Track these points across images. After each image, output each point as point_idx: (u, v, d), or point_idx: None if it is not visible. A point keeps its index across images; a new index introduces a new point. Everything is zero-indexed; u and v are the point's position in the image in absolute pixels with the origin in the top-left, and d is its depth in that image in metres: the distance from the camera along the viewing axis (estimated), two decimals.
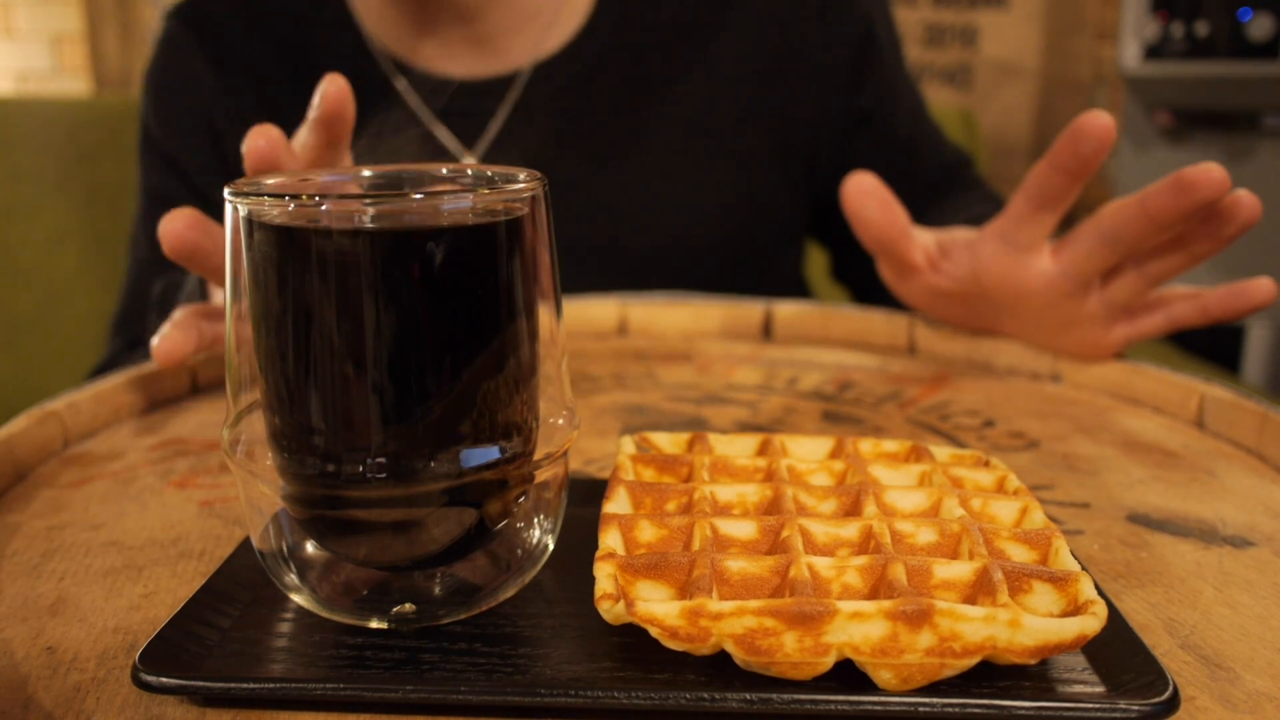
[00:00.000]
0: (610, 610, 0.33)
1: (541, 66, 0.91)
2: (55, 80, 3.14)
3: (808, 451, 0.45)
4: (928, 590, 0.34)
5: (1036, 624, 0.31)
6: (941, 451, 0.45)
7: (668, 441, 0.45)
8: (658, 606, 0.32)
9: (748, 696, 0.32)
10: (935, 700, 0.31)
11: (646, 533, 0.37)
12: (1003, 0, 2.84)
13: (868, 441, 0.45)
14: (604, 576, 0.34)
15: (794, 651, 0.31)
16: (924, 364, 0.74)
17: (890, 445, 0.45)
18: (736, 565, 0.35)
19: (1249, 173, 2.51)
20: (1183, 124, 2.54)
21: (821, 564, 0.34)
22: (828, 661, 0.32)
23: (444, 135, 0.91)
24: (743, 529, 0.37)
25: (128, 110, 1.57)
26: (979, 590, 0.34)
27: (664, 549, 0.36)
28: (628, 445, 0.44)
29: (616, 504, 0.38)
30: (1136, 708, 0.31)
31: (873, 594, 0.34)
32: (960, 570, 0.34)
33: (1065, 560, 0.35)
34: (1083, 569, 0.35)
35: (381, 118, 0.78)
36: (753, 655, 0.32)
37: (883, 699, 0.32)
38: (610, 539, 0.36)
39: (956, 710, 0.31)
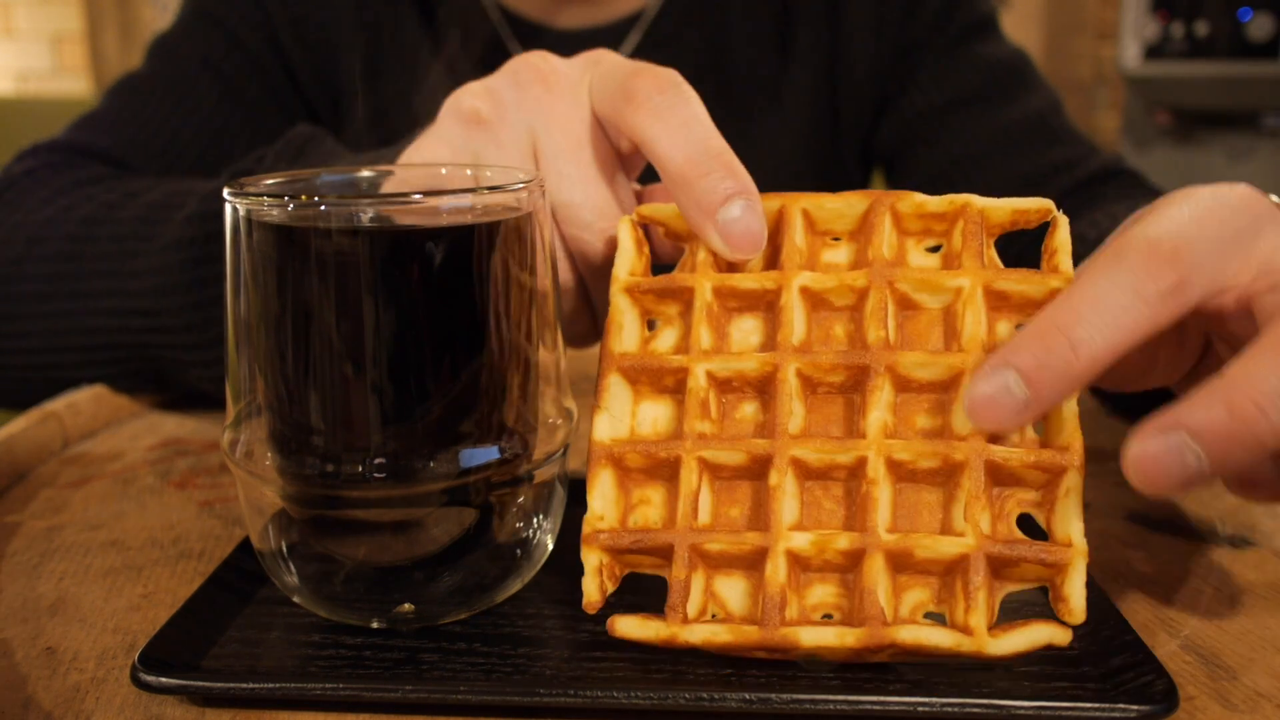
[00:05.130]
0: (594, 607, 0.35)
1: (671, 3, 0.86)
2: (55, 80, 3.14)
3: (833, 258, 0.38)
4: (910, 565, 0.34)
5: (1002, 646, 0.32)
6: (995, 205, 0.37)
7: (673, 215, 0.39)
8: (637, 629, 0.34)
9: (747, 696, 0.32)
10: (935, 700, 0.31)
11: (637, 468, 0.36)
12: (1003, 0, 2.84)
13: (907, 201, 0.37)
14: (590, 575, 0.35)
15: (765, 657, 0.34)
16: None
17: (933, 203, 0.37)
18: (716, 547, 0.34)
19: (1249, 173, 2.50)
20: (1183, 124, 2.54)
21: (801, 541, 0.34)
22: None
23: None
24: (733, 458, 0.35)
25: None
26: (956, 577, 0.33)
27: (655, 465, 0.36)
28: (625, 231, 0.39)
29: (610, 409, 0.37)
30: (1136, 708, 0.31)
31: (849, 611, 0.34)
32: (947, 547, 0.33)
33: (1070, 511, 0.34)
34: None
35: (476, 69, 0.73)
36: (728, 656, 0.34)
37: (882, 699, 0.32)
38: (600, 487, 0.36)
39: (956, 710, 0.31)
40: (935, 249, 0.38)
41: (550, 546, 0.39)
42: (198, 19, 0.84)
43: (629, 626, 0.34)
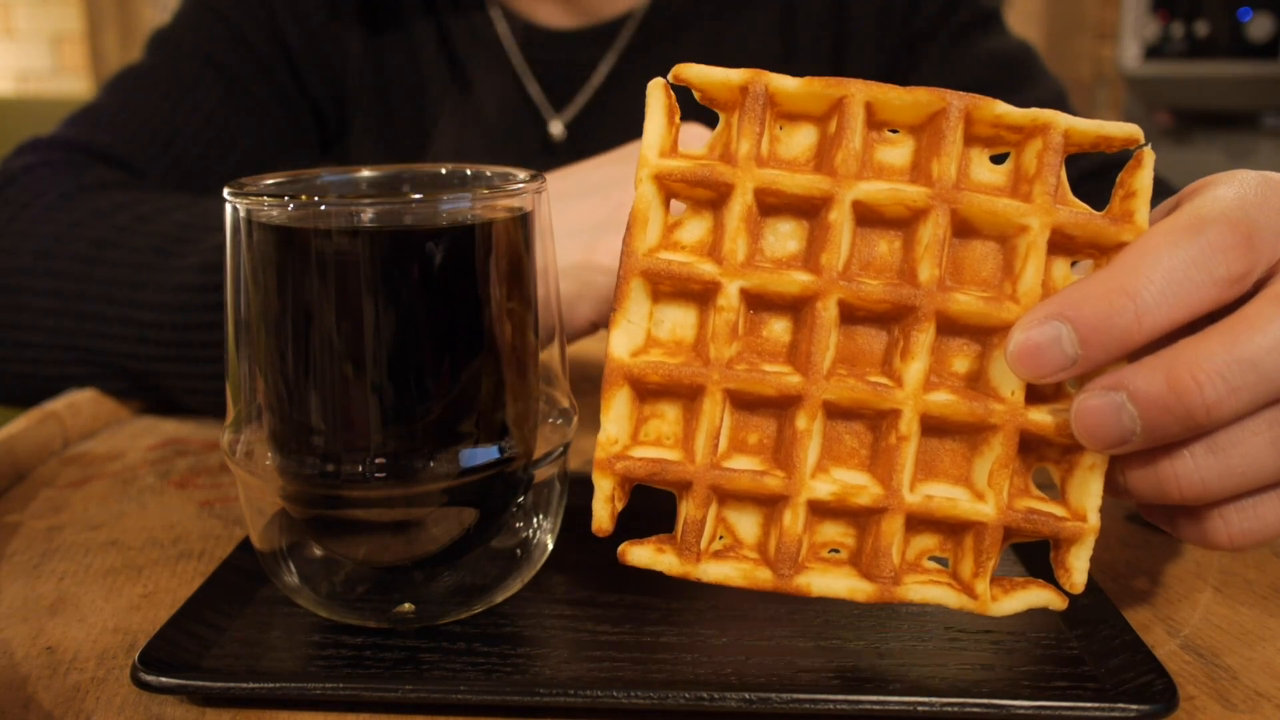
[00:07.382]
0: (605, 532, 0.34)
1: (656, 7, 0.86)
2: (55, 80, 3.14)
3: (888, 157, 0.35)
4: (926, 521, 0.34)
5: (1003, 608, 0.33)
6: (1080, 126, 0.34)
7: (718, 82, 0.34)
8: (650, 559, 0.33)
9: (746, 696, 0.32)
10: (935, 700, 0.31)
11: (655, 399, 0.34)
12: (1003, 0, 2.84)
13: (985, 111, 0.34)
14: (602, 501, 0.33)
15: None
16: None
17: (1014, 115, 0.34)
18: (736, 487, 0.33)
19: None
20: (1183, 124, 2.54)
21: (822, 492, 0.33)
22: None
23: (534, 91, 0.86)
24: (759, 389, 0.33)
25: None
26: (969, 534, 0.33)
27: (674, 385, 0.34)
28: (657, 96, 0.34)
29: (626, 328, 0.34)
30: (1136, 708, 0.31)
31: (857, 552, 0.34)
32: (967, 513, 0.33)
33: (1091, 485, 0.33)
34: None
35: (475, 64, 0.70)
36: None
37: (882, 699, 0.32)
38: (615, 409, 0.33)
39: (956, 710, 0.31)
40: (1001, 157, 0.35)
41: (550, 546, 0.39)
42: (201, 13, 0.83)
43: (642, 556, 0.33)
